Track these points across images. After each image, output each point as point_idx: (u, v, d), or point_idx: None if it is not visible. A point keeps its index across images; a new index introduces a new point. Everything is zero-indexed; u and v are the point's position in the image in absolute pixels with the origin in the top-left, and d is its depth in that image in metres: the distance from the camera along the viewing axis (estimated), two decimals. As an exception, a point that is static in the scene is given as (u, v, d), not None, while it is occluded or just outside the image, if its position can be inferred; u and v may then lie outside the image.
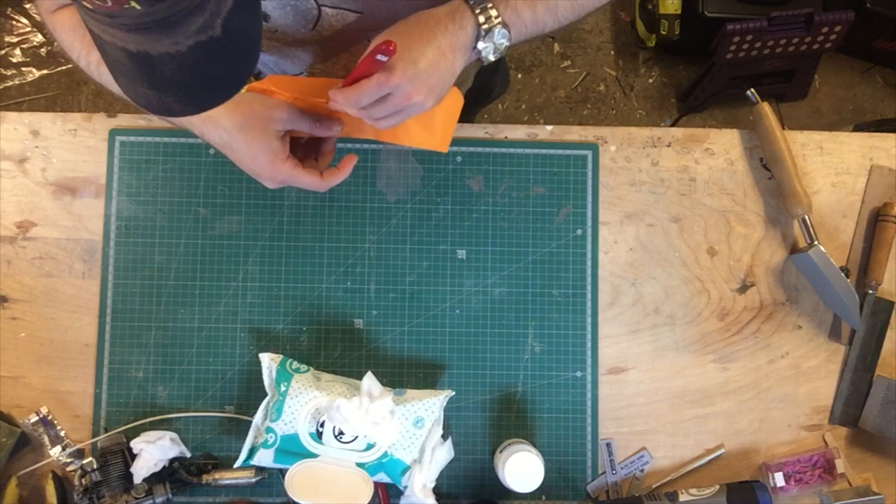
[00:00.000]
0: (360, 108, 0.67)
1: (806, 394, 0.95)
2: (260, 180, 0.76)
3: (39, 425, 0.89)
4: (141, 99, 0.53)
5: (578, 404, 0.93)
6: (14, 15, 1.90)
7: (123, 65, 0.50)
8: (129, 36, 0.46)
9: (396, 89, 0.64)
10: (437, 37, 0.65)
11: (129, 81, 0.52)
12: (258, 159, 0.73)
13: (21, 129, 0.92)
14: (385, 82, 0.63)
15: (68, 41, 0.76)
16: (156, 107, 0.53)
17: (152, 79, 0.50)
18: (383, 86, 0.64)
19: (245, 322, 0.92)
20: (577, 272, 0.94)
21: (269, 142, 0.72)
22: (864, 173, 0.98)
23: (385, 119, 0.68)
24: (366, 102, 0.65)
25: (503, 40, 0.68)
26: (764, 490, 0.85)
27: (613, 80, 1.98)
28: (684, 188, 0.96)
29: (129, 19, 0.44)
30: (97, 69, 0.75)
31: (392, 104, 0.66)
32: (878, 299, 0.96)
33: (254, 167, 0.74)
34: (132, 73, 0.50)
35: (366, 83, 0.64)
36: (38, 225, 0.92)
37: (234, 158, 0.75)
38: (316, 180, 0.76)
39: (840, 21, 1.61)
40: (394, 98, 0.65)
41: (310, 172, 0.75)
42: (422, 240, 0.93)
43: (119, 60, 0.49)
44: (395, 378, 0.92)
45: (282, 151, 0.73)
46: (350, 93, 0.65)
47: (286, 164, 0.73)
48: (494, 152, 0.95)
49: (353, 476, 0.83)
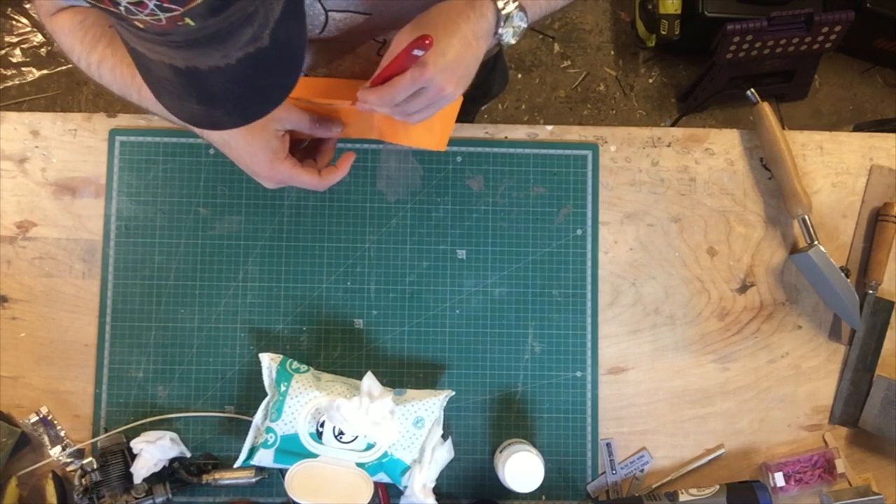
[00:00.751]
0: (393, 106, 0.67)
1: (806, 394, 0.95)
2: (258, 179, 0.76)
3: (39, 425, 0.89)
4: (186, 114, 0.53)
5: (578, 404, 0.93)
6: (14, 15, 1.90)
7: (170, 81, 0.49)
8: (178, 52, 0.46)
9: (430, 83, 0.64)
10: (461, 26, 0.65)
11: (175, 98, 0.52)
12: (256, 158, 0.73)
13: (21, 129, 0.92)
14: (419, 77, 0.63)
15: (69, 43, 0.76)
16: (203, 121, 0.53)
17: (202, 94, 0.50)
18: (417, 80, 0.63)
19: (245, 322, 0.92)
20: (577, 272, 0.94)
21: (269, 141, 0.72)
22: (864, 173, 0.98)
23: (418, 113, 0.68)
24: (400, 99, 0.65)
25: (521, 23, 0.68)
26: (764, 490, 0.85)
27: (613, 80, 1.98)
28: (684, 188, 0.96)
29: (180, 36, 0.44)
30: (98, 70, 0.75)
31: (426, 98, 0.66)
32: (878, 299, 0.96)
33: (252, 166, 0.74)
34: (180, 89, 0.50)
35: (400, 80, 0.64)
36: (38, 225, 0.92)
37: (233, 157, 0.75)
38: (315, 179, 0.76)
39: (840, 21, 1.61)
40: (427, 92, 0.65)
41: (308, 171, 0.75)
42: (422, 240, 0.93)
43: (165, 78, 0.49)
44: (395, 378, 0.92)
45: (281, 150, 0.73)
46: (385, 91, 0.65)
47: (285, 163, 0.73)
48: (494, 152, 0.95)
49: (353, 476, 0.83)
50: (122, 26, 0.46)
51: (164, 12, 0.42)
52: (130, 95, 0.75)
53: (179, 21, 0.43)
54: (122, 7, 0.41)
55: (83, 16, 0.75)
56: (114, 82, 0.75)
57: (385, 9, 0.75)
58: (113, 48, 0.74)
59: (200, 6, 0.42)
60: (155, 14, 0.42)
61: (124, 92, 0.75)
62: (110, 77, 0.75)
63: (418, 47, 0.60)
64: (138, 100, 0.75)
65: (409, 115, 0.68)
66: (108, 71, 0.75)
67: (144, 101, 0.74)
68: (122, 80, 0.74)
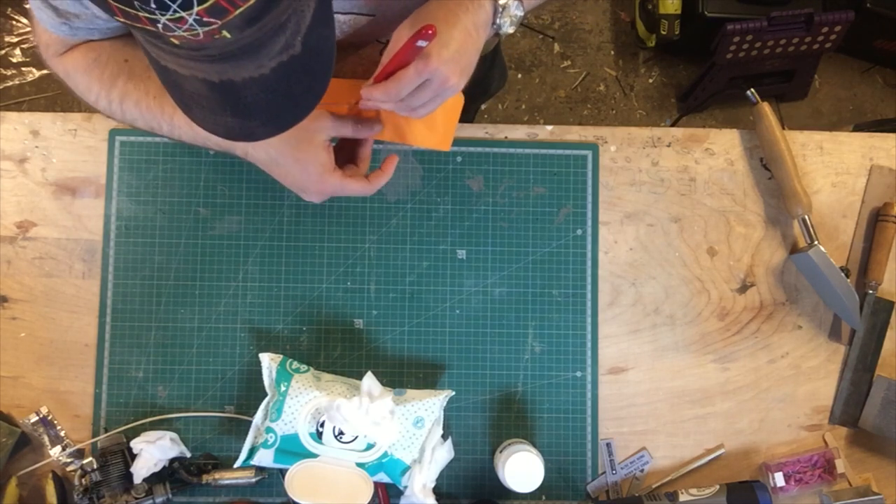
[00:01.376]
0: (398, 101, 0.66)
1: (806, 394, 0.95)
2: (305, 195, 0.75)
3: (39, 425, 0.89)
4: (220, 128, 0.53)
5: (578, 404, 0.93)
6: (14, 15, 1.90)
7: (203, 96, 0.49)
8: (213, 66, 0.46)
9: (434, 74, 0.64)
10: (461, 17, 0.65)
11: (207, 113, 0.51)
12: (307, 172, 0.72)
13: (21, 129, 0.92)
14: (424, 69, 0.63)
15: (84, 83, 0.75)
16: (237, 134, 0.53)
17: (236, 106, 0.50)
18: (422, 73, 0.64)
19: (245, 322, 0.92)
20: (577, 272, 0.94)
21: (318, 154, 0.72)
22: (864, 173, 0.98)
23: (423, 107, 0.68)
24: (405, 93, 0.65)
25: (518, 12, 0.68)
26: (764, 490, 0.85)
27: (613, 80, 1.98)
28: (684, 188, 0.96)
29: (216, 49, 0.44)
30: (120, 107, 0.74)
31: (431, 90, 0.66)
32: (878, 299, 0.96)
33: (302, 182, 0.73)
34: (213, 103, 0.50)
35: (404, 73, 0.64)
36: (38, 225, 0.92)
37: (280, 174, 0.74)
38: (364, 185, 0.75)
39: (840, 21, 1.61)
40: (432, 84, 0.65)
41: (357, 179, 0.75)
42: (422, 240, 0.93)
43: (198, 93, 0.49)
44: (395, 378, 0.92)
45: (329, 162, 0.73)
46: (390, 86, 0.65)
47: (334, 174, 0.73)
48: (494, 152, 0.95)
49: (353, 476, 0.83)
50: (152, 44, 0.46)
51: (203, 26, 0.42)
52: (160, 128, 0.74)
53: (217, 34, 0.43)
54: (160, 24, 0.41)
55: (96, 53, 0.74)
56: (140, 117, 0.74)
57: (388, 10, 0.75)
58: (134, 82, 0.74)
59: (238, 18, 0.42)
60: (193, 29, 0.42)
61: (152, 125, 0.75)
62: (136, 111, 0.74)
63: (422, 38, 0.59)
64: (169, 131, 0.74)
65: (413, 108, 0.68)
66: (132, 106, 0.74)
67: (177, 129, 0.74)
68: (149, 113, 0.74)
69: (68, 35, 0.73)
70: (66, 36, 0.73)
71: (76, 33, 0.72)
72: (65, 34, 0.72)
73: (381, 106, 0.68)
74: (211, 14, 0.41)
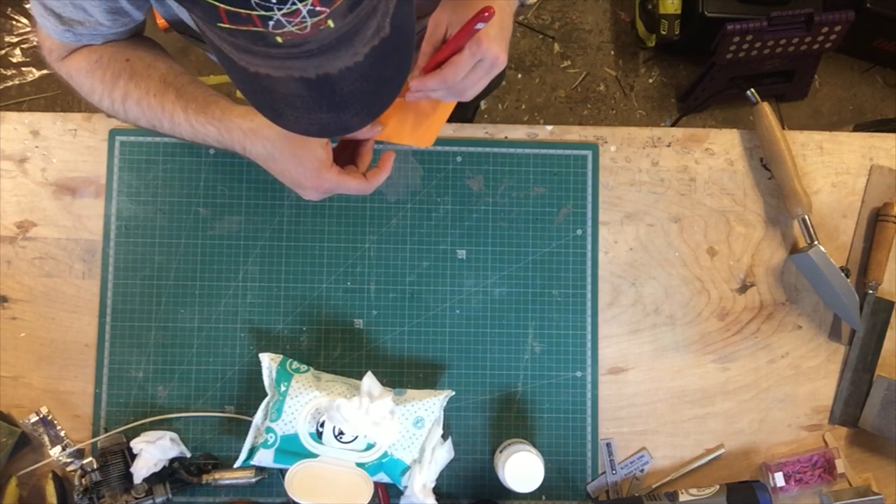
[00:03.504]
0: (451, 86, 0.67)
1: (806, 394, 0.95)
2: (302, 191, 0.75)
3: (39, 425, 0.89)
4: (314, 127, 0.53)
5: (578, 404, 0.93)
6: (14, 15, 1.90)
7: (297, 97, 0.49)
8: (310, 62, 0.46)
9: (486, 54, 0.65)
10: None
11: (300, 113, 0.51)
12: (303, 167, 0.72)
13: (21, 129, 0.92)
14: (477, 51, 0.64)
15: (87, 84, 0.76)
16: (332, 129, 0.53)
17: (331, 100, 0.50)
18: (476, 55, 0.64)
19: (245, 322, 0.92)
20: (577, 272, 0.94)
21: (314, 150, 0.72)
22: (864, 173, 0.98)
23: (472, 89, 0.68)
24: (461, 78, 0.66)
25: None
26: (764, 490, 0.85)
27: (613, 80, 1.98)
28: (684, 188, 0.96)
29: (316, 43, 0.45)
30: (122, 106, 0.75)
31: (482, 70, 0.66)
32: (878, 299, 0.96)
33: (298, 177, 0.73)
34: (309, 101, 0.50)
35: (459, 59, 0.64)
36: (38, 225, 0.92)
37: (277, 169, 0.74)
38: (361, 183, 0.75)
39: (840, 21, 1.61)
40: (483, 64, 0.66)
41: (354, 177, 0.75)
42: (422, 240, 0.93)
43: (293, 94, 0.49)
44: (395, 378, 0.92)
45: (326, 159, 0.72)
46: (447, 72, 0.65)
47: (331, 171, 0.73)
48: (494, 152, 0.95)
49: (353, 476, 0.83)
50: (246, 50, 0.46)
51: (313, 17, 0.42)
52: (161, 125, 0.75)
53: (322, 24, 0.43)
54: (272, 22, 0.42)
55: (97, 55, 0.76)
56: (141, 115, 0.75)
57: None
58: (135, 81, 0.74)
59: (342, 5, 0.43)
60: (304, 21, 0.42)
61: (154, 123, 0.75)
62: (137, 110, 0.75)
63: (481, 20, 0.60)
64: (170, 128, 0.75)
65: (464, 91, 0.68)
66: (133, 104, 0.75)
67: (177, 126, 0.74)
68: (150, 110, 0.74)
69: (71, 41, 0.74)
70: (70, 42, 0.74)
71: (79, 39, 0.74)
72: (68, 40, 0.74)
73: (430, 95, 0.68)
74: (322, 2, 0.42)
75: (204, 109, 0.73)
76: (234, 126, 0.72)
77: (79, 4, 0.68)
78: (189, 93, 0.74)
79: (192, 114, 0.73)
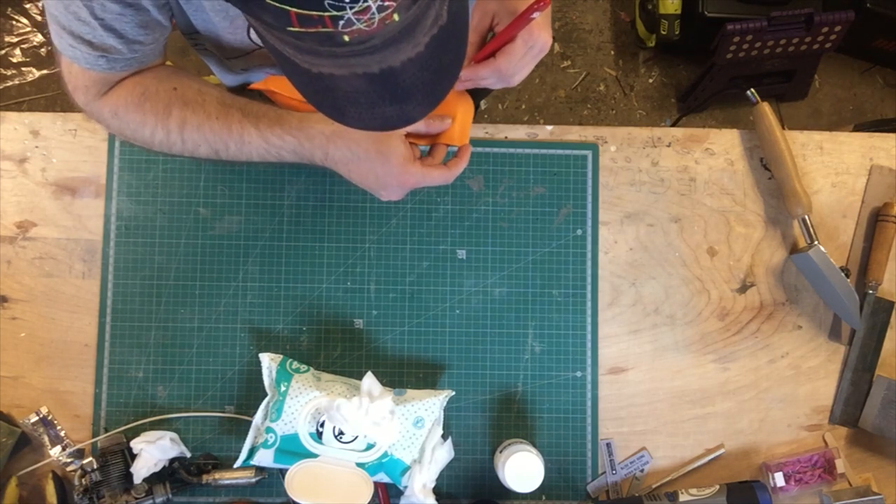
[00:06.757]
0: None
1: (806, 394, 0.95)
2: (385, 191, 0.76)
3: (39, 425, 0.89)
4: (378, 121, 0.53)
5: (578, 404, 0.93)
6: (14, 15, 1.90)
7: (361, 93, 0.50)
8: (374, 57, 0.46)
9: (537, 41, 0.66)
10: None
11: (363, 109, 0.52)
12: (389, 165, 0.73)
13: (21, 129, 0.92)
14: (530, 38, 0.65)
15: (137, 119, 0.73)
16: (395, 122, 0.53)
17: (395, 92, 0.50)
18: (528, 42, 0.65)
19: (245, 322, 0.92)
20: (577, 272, 0.94)
21: (397, 146, 0.73)
22: (864, 173, 0.98)
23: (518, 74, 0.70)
24: (514, 65, 0.67)
25: None
26: (764, 490, 0.85)
27: (613, 80, 1.98)
28: (684, 188, 0.96)
29: (381, 38, 0.45)
30: (180, 135, 0.73)
31: (531, 56, 0.68)
32: (878, 299, 0.96)
33: (384, 175, 0.74)
34: (372, 96, 0.50)
35: (513, 47, 0.66)
36: (38, 225, 0.92)
37: (362, 171, 0.74)
38: (444, 173, 0.76)
39: (840, 21, 1.61)
40: (533, 50, 0.67)
41: (437, 167, 0.76)
42: (422, 240, 0.93)
43: (356, 90, 0.49)
44: (395, 378, 0.92)
45: (409, 154, 0.74)
46: (501, 61, 0.66)
47: (415, 164, 0.74)
48: (494, 152, 0.95)
49: (353, 476, 0.83)
50: (310, 51, 0.46)
51: (381, 12, 0.43)
52: (227, 149, 0.74)
53: (388, 19, 0.43)
54: (342, 21, 0.42)
55: (142, 87, 0.73)
56: (203, 140, 0.73)
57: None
58: (191, 108, 0.73)
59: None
60: (372, 18, 0.43)
61: (217, 147, 0.74)
62: (198, 136, 0.73)
63: (538, 9, 0.61)
64: (237, 150, 0.74)
65: (512, 77, 0.69)
66: (193, 131, 0.73)
67: (247, 146, 0.73)
68: (213, 135, 0.73)
69: (106, 70, 0.70)
70: (104, 71, 0.70)
71: (114, 66, 0.70)
72: (102, 69, 0.69)
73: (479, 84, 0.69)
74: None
75: (279, 122, 0.73)
76: (316, 132, 0.72)
77: (109, 26, 0.65)
78: (254, 111, 0.73)
79: (265, 129, 0.72)
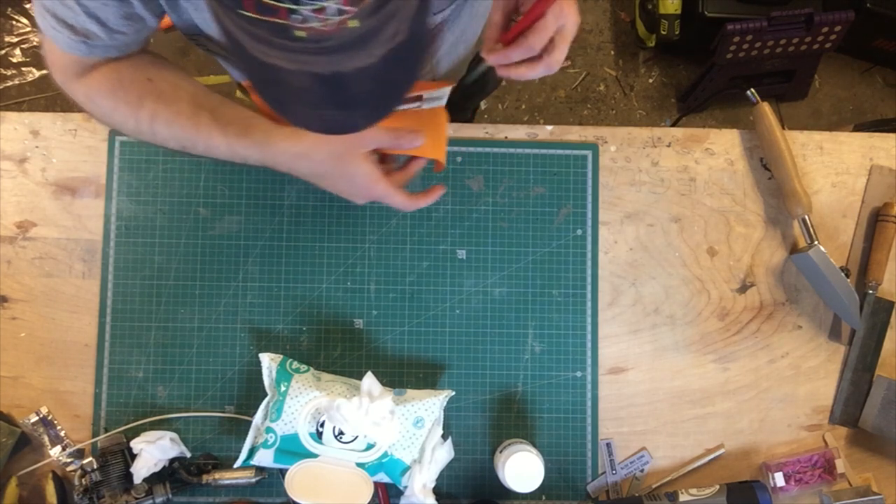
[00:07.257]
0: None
1: (806, 394, 0.95)
2: (357, 201, 0.78)
3: (39, 425, 0.89)
4: (319, 123, 0.53)
5: (578, 404, 0.93)
6: (14, 15, 1.90)
7: (306, 91, 0.49)
8: (326, 58, 0.46)
9: (567, 19, 0.65)
10: None
11: (308, 108, 0.52)
12: (354, 184, 0.75)
13: (21, 129, 0.92)
14: (560, 14, 0.65)
15: (109, 105, 0.74)
16: (340, 126, 0.54)
17: (341, 98, 0.50)
18: (559, 18, 0.65)
19: (245, 322, 0.92)
20: (577, 272, 0.94)
21: (361, 166, 0.74)
22: (864, 173, 0.98)
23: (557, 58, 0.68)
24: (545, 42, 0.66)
25: None
26: (764, 490, 0.85)
27: (613, 80, 1.98)
28: (684, 188, 0.96)
29: (336, 41, 0.44)
30: (150, 126, 0.74)
31: (563, 36, 0.67)
32: (878, 299, 0.96)
33: (349, 191, 0.76)
34: (317, 97, 0.50)
35: (543, 24, 0.65)
36: (38, 225, 0.92)
37: (327, 185, 0.76)
38: (406, 200, 0.78)
39: (840, 21, 1.61)
40: (564, 30, 0.66)
41: (401, 192, 0.78)
42: (422, 240, 0.93)
43: (302, 87, 0.49)
44: (395, 378, 0.92)
45: (374, 172, 0.75)
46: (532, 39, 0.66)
47: (380, 183, 0.75)
48: (494, 152, 0.95)
49: (353, 476, 0.83)
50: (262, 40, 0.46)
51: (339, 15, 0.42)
52: (195, 147, 0.74)
53: (345, 24, 0.43)
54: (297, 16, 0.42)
55: (118, 74, 0.73)
56: (172, 136, 0.74)
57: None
58: (163, 102, 0.73)
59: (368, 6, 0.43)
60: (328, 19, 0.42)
61: (185, 144, 0.74)
62: (167, 132, 0.74)
63: None
64: (205, 149, 0.74)
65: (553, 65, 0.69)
66: (163, 126, 0.73)
67: (214, 148, 0.74)
68: (182, 132, 0.73)
69: (85, 54, 0.70)
70: (83, 55, 0.71)
71: (93, 51, 0.70)
72: (82, 53, 0.70)
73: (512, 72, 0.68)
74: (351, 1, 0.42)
75: (245, 133, 0.73)
76: (280, 150, 0.72)
77: (92, 13, 0.65)
78: (224, 115, 0.73)
79: (232, 137, 0.73)
